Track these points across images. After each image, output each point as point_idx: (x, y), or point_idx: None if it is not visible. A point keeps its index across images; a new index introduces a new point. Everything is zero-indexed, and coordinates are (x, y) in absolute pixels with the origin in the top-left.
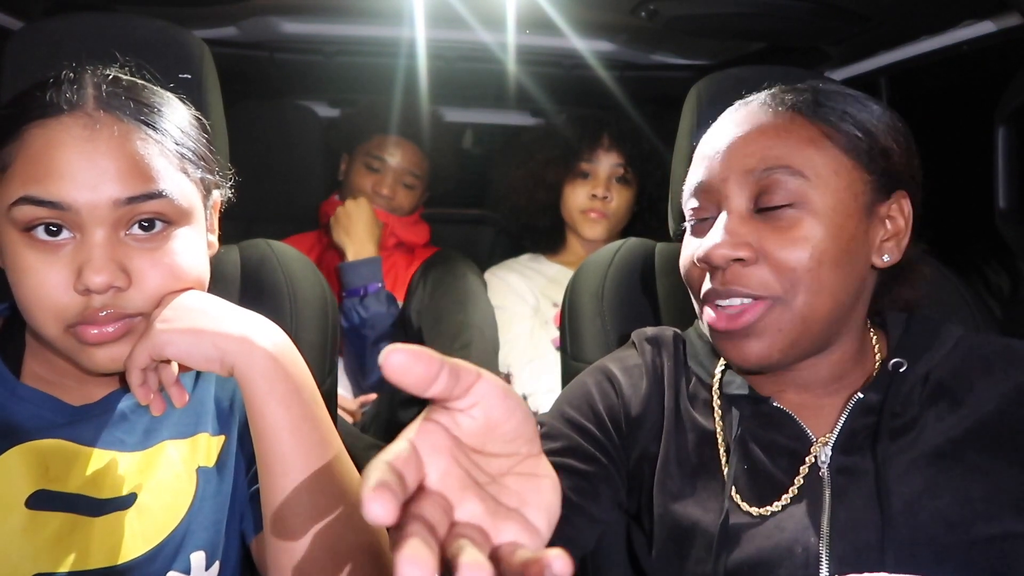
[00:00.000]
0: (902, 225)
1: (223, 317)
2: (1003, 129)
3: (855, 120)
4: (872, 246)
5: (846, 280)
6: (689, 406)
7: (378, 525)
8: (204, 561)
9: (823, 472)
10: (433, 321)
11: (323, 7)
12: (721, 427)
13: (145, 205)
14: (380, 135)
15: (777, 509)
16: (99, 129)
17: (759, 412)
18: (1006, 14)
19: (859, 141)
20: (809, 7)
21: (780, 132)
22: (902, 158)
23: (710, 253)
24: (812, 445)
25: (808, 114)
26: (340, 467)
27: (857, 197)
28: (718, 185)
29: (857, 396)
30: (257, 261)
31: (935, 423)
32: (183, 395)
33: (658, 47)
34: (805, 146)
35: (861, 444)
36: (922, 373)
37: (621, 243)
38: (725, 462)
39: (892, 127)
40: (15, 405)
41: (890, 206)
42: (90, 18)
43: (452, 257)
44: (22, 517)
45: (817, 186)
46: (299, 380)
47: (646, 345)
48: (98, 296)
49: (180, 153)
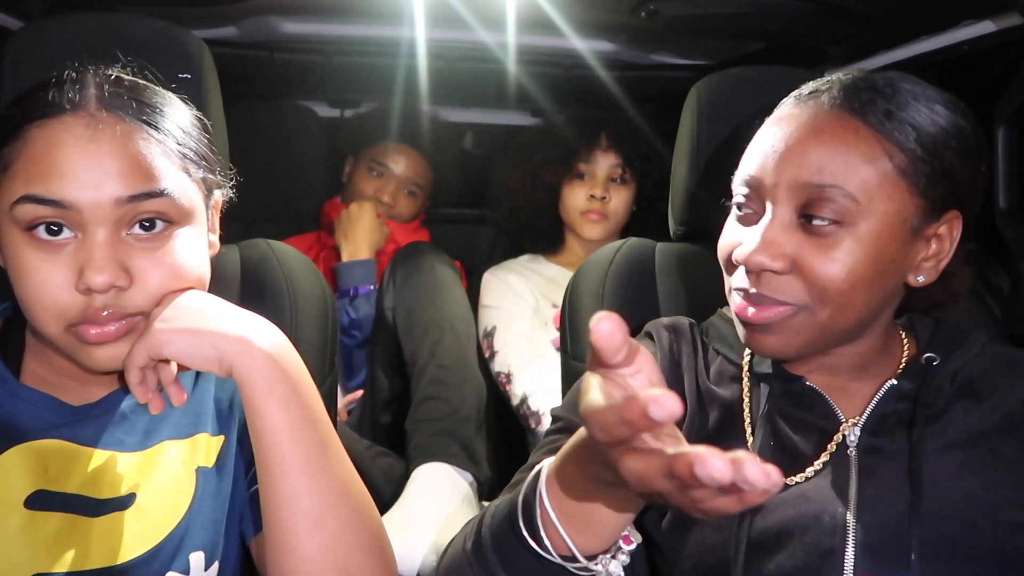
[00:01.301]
0: (947, 247)
1: (222, 317)
2: (1003, 129)
3: (922, 137)
4: (909, 266)
5: (875, 297)
6: (711, 385)
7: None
8: (203, 561)
9: (851, 451)
10: (405, 317)
11: (323, 7)
12: (748, 403)
13: (147, 204)
14: (386, 142)
15: (801, 480)
16: (101, 129)
17: (790, 390)
18: (1006, 14)
19: (921, 164)
20: (809, 7)
21: (841, 144)
22: (964, 177)
23: (748, 259)
24: (841, 425)
25: (875, 126)
26: (339, 467)
27: (905, 222)
28: (769, 187)
29: (891, 383)
30: (257, 261)
31: (963, 417)
32: (181, 394)
33: (658, 47)
34: (863, 165)
35: (891, 428)
36: (952, 371)
37: (621, 243)
38: (750, 434)
39: (961, 143)
40: (15, 405)
41: (938, 228)
42: (90, 18)
43: (420, 249)
44: (21, 517)
45: (867, 211)
46: (298, 381)
47: (663, 332)
48: (99, 295)
49: (182, 153)
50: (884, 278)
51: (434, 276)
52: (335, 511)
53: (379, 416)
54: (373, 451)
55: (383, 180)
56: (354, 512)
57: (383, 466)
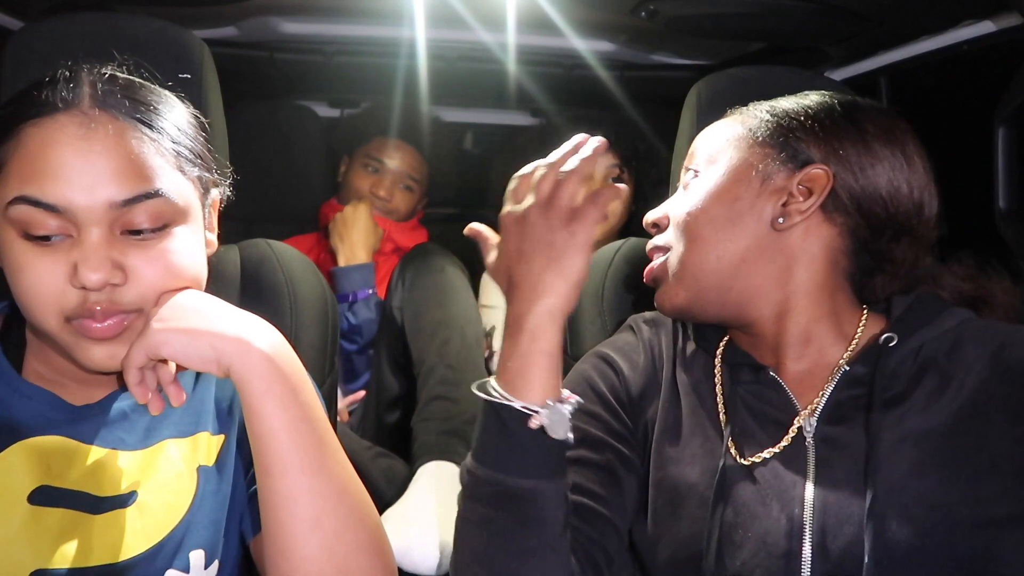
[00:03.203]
0: (813, 199)
1: (220, 317)
2: (1003, 129)
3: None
4: (770, 212)
5: (730, 235)
6: (686, 376)
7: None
8: (203, 560)
9: (808, 441)
10: (413, 318)
11: (323, 7)
12: (721, 391)
13: (141, 206)
14: (380, 138)
15: (758, 461)
16: (94, 128)
17: (756, 380)
18: (1006, 14)
19: (766, 123)
20: (809, 7)
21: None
22: (812, 138)
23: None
24: (797, 415)
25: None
26: (338, 468)
27: (751, 169)
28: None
29: (844, 368)
30: (257, 261)
31: (924, 403)
32: (180, 394)
33: (658, 47)
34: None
35: (847, 416)
36: (914, 348)
37: (621, 243)
38: (724, 423)
39: (809, 110)
40: (17, 401)
41: (796, 179)
42: (90, 18)
43: (430, 251)
44: (24, 513)
45: (716, 160)
46: (296, 381)
47: (643, 326)
48: (94, 292)
49: (176, 151)
50: (738, 218)
51: (444, 278)
52: (334, 512)
53: (384, 416)
54: (373, 451)
55: (378, 176)
56: (353, 512)
57: (383, 467)
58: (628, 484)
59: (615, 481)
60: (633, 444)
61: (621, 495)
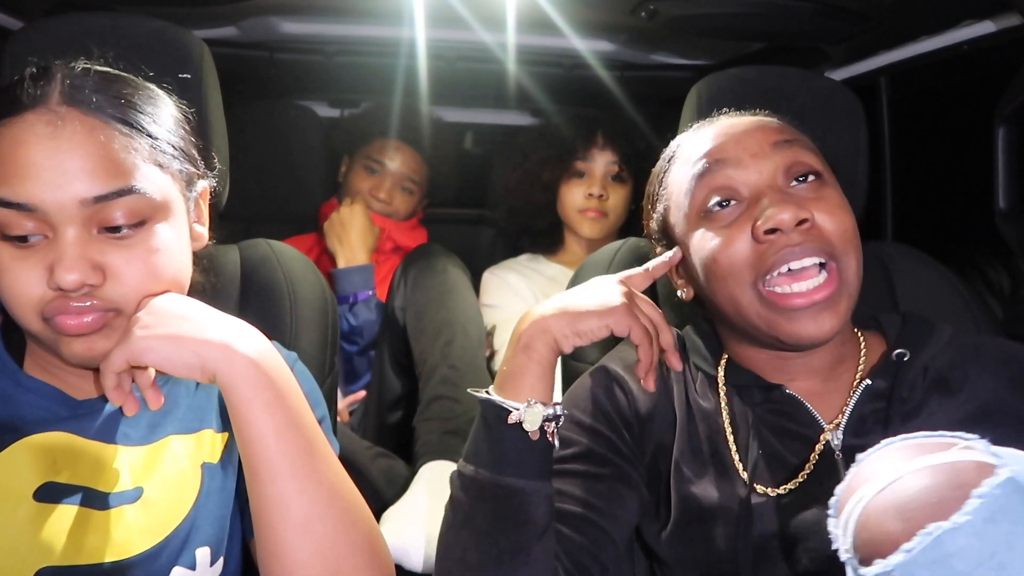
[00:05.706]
0: None
1: (204, 323)
2: (1003, 129)
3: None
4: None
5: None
6: (697, 397)
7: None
8: (209, 557)
9: (838, 455)
10: (415, 318)
11: (323, 7)
12: (728, 416)
13: (115, 203)
14: (381, 139)
15: (795, 487)
16: (62, 125)
17: (770, 399)
18: (1006, 14)
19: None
20: (809, 7)
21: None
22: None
23: (781, 219)
24: (823, 431)
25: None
26: (328, 472)
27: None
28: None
29: (866, 382)
30: (257, 261)
31: (938, 409)
32: (159, 398)
33: (658, 47)
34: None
35: (871, 428)
36: (923, 364)
37: (621, 243)
38: (735, 450)
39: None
40: (21, 396)
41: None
42: (90, 18)
43: (433, 251)
44: (30, 509)
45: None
46: (283, 386)
47: None
48: (72, 293)
49: (153, 146)
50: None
51: (446, 278)
52: (325, 515)
53: (385, 416)
54: (373, 452)
55: (378, 177)
56: (344, 515)
57: (383, 467)
58: (629, 499)
59: (615, 495)
60: (636, 463)
61: (621, 508)
